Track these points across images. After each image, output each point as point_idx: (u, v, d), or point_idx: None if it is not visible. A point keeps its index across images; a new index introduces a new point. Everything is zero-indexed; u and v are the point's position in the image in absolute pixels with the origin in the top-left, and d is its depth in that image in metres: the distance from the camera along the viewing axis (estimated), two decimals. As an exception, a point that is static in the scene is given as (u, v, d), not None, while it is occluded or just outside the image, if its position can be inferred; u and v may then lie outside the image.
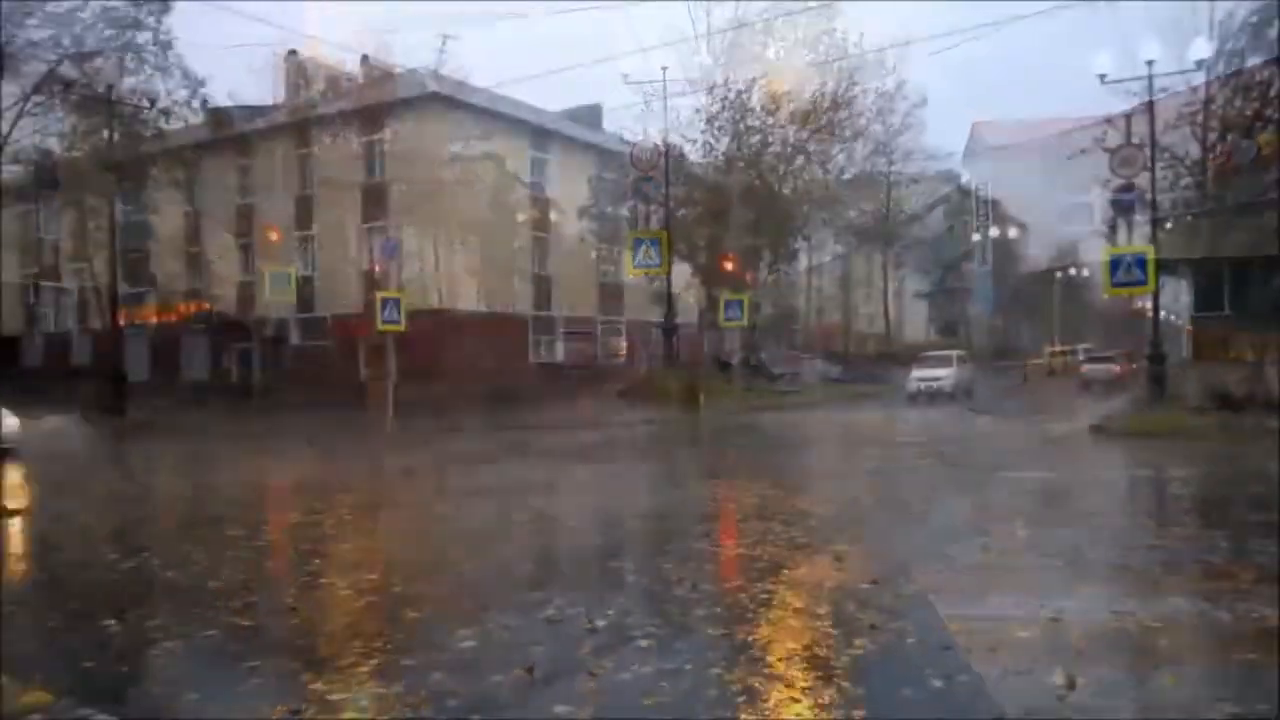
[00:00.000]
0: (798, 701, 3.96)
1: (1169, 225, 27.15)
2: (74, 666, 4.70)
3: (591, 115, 38.60)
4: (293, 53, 34.55)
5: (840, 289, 49.44)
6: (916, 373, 30.00)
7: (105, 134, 25.58)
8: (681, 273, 33.21)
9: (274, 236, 31.05)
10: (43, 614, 5.91)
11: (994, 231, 56.49)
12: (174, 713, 4.13)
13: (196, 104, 27.80)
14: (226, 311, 34.00)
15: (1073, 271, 67.08)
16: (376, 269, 26.29)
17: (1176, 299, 41.45)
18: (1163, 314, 25.43)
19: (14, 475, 13.50)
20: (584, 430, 21.20)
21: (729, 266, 28.86)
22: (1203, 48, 20.19)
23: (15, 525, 9.44)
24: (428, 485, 12.84)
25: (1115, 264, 18.12)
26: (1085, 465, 13.79)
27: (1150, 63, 20.26)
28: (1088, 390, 31.29)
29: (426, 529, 9.08)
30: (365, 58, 35.50)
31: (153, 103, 26.32)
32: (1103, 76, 20.99)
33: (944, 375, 29.31)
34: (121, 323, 28.99)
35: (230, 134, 31.59)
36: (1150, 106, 20.73)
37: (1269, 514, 7.99)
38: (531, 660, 4.41)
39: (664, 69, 27.95)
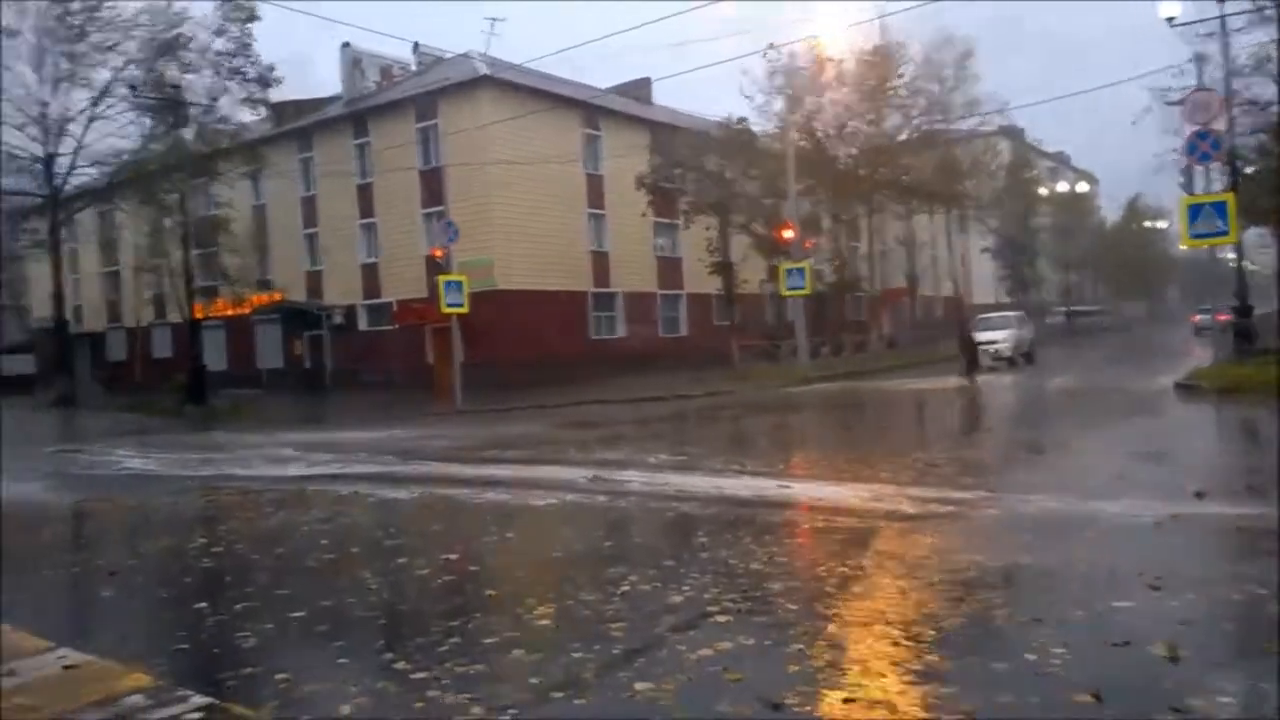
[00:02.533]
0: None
1: (1249, 171, 25.90)
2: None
3: (642, 89, 38.39)
4: (346, 45, 35.02)
5: (905, 253, 48.42)
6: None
7: (175, 134, 26.35)
8: (740, 243, 33.09)
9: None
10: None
11: (1062, 185, 54.90)
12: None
13: (260, 101, 28.39)
14: (297, 300, 34.80)
15: (1148, 224, 65.04)
16: (437, 253, 26.61)
17: (1261, 250, 39.92)
18: (1247, 265, 24.41)
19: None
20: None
21: (788, 235, 28.45)
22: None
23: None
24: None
25: (1194, 213, 16.93)
26: (1181, 432, 13.18)
27: (1222, 1, 19.43)
28: (1199, 335, 37.74)
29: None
30: (416, 45, 35.91)
31: (215, 100, 26.94)
32: (1170, 19, 20.16)
33: (1001, 339, 27.44)
34: (198, 315, 30.05)
35: (292, 128, 32.17)
36: (1225, 47, 19.86)
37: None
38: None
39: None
